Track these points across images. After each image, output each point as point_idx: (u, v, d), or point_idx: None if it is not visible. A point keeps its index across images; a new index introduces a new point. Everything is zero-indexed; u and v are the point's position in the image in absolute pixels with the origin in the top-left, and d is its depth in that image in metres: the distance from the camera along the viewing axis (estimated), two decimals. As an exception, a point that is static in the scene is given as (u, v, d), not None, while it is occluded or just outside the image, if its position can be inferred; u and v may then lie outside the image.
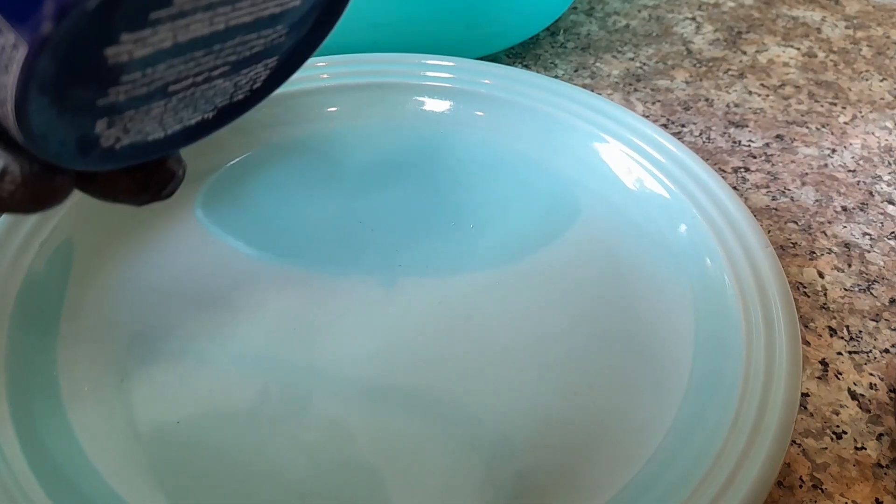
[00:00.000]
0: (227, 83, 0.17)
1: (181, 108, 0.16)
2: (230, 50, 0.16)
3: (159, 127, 0.16)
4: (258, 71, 0.18)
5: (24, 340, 0.23)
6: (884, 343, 0.26)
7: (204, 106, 0.17)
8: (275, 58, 0.18)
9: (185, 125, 0.17)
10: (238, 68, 0.17)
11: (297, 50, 0.18)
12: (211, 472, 0.20)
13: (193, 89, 0.16)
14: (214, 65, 0.16)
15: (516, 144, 0.32)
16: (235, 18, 0.15)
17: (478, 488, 0.20)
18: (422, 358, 0.23)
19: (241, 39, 0.16)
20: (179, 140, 0.18)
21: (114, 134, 0.15)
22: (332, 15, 0.18)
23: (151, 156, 0.17)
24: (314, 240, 0.27)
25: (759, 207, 0.31)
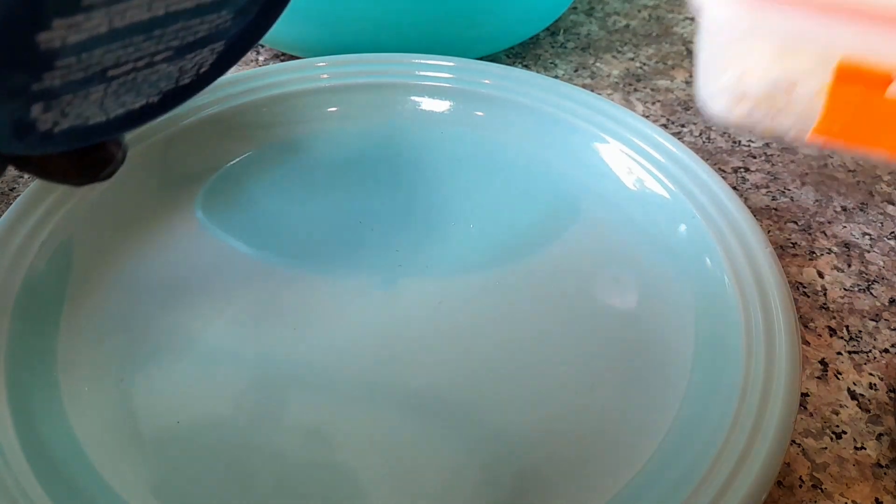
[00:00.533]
0: (171, 67, 0.17)
1: (123, 93, 0.16)
2: (172, 35, 0.15)
3: (100, 111, 0.16)
4: (204, 55, 0.17)
5: (25, 340, 0.23)
6: (883, 343, 0.26)
7: (148, 90, 0.17)
8: (221, 42, 0.18)
9: (129, 109, 0.17)
10: (182, 53, 0.16)
11: (245, 35, 0.18)
12: (211, 471, 0.20)
13: (135, 74, 0.16)
14: (156, 50, 0.16)
15: (516, 144, 0.32)
16: (175, 4, 0.15)
17: (478, 488, 0.20)
18: (422, 358, 0.24)
19: (183, 25, 0.15)
20: (123, 124, 0.17)
21: (51, 118, 0.15)
22: (278, 4, 0.18)
23: (93, 139, 0.17)
24: (314, 240, 0.28)
25: (759, 207, 0.31)
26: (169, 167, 0.29)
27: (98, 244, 0.26)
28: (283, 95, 0.32)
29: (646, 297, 0.26)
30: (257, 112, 0.31)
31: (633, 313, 0.25)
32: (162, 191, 0.29)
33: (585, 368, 0.23)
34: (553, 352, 0.24)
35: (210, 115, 0.30)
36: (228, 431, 0.21)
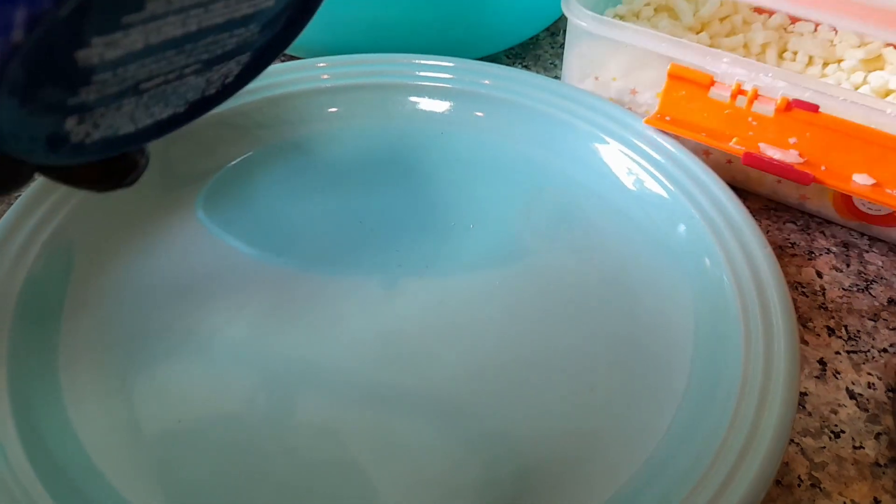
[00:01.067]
0: (199, 79, 0.17)
1: (152, 104, 0.17)
2: (202, 49, 0.16)
3: (130, 122, 0.17)
4: (230, 67, 0.18)
5: (26, 340, 0.23)
6: (882, 342, 0.26)
7: (175, 101, 0.17)
8: (247, 54, 0.18)
9: (157, 119, 0.17)
10: (210, 65, 0.17)
11: (270, 46, 0.19)
12: (212, 471, 0.21)
13: (165, 86, 0.16)
14: (186, 63, 0.16)
15: (516, 144, 0.32)
16: (208, 20, 0.15)
17: (478, 488, 0.20)
18: (422, 358, 0.24)
19: (213, 39, 0.16)
20: (151, 133, 0.18)
21: (84, 130, 0.15)
22: (306, 13, 0.18)
23: (122, 149, 0.17)
24: (314, 240, 0.28)
25: (757, 207, 0.31)
26: (169, 167, 0.29)
27: (99, 244, 0.26)
28: (283, 95, 0.32)
29: (645, 297, 0.26)
30: (257, 112, 0.31)
31: (633, 313, 0.25)
32: (163, 191, 0.29)
33: (585, 368, 0.23)
34: (553, 351, 0.24)
35: (210, 115, 0.30)
36: (229, 430, 0.21)
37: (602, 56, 0.32)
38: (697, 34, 0.34)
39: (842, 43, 0.33)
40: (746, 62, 0.27)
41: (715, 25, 0.34)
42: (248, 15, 0.16)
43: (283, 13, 0.18)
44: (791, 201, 0.31)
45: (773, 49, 0.33)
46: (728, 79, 0.28)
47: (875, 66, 0.32)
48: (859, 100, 0.25)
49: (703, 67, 0.28)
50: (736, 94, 0.27)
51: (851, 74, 0.31)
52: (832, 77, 0.32)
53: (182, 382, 0.23)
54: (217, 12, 0.15)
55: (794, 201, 0.31)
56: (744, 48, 0.34)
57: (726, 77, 0.28)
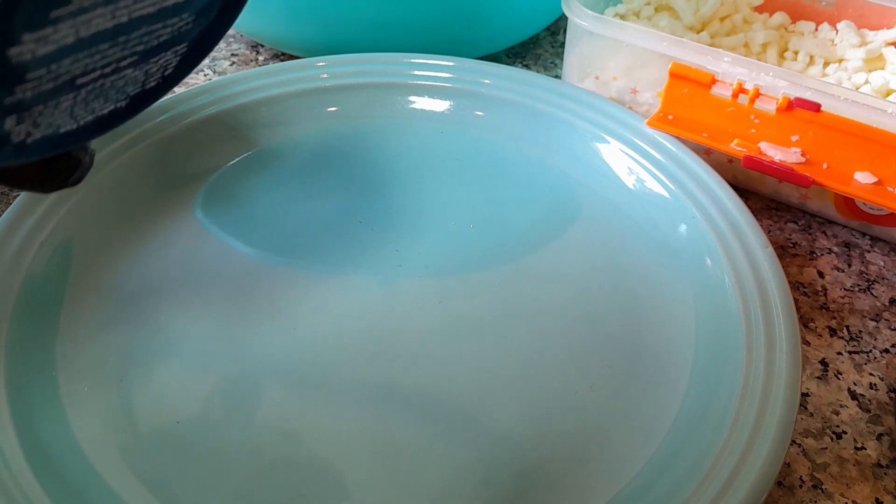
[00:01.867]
0: (136, 72, 0.17)
1: (91, 100, 0.17)
2: (136, 40, 0.16)
3: (71, 119, 0.17)
4: (168, 58, 0.18)
5: (24, 340, 0.23)
6: (884, 343, 0.26)
7: (115, 95, 0.17)
8: (184, 44, 0.18)
9: (98, 115, 0.17)
10: (147, 57, 0.17)
11: (207, 35, 0.18)
12: (211, 472, 0.20)
13: (102, 80, 0.16)
14: (122, 56, 0.16)
15: (516, 144, 0.32)
16: (138, 10, 0.15)
17: (478, 488, 0.20)
18: (421, 358, 0.23)
19: (146, 30, 0.16)
20: (93, 130, 0.18)
21: (24, 129, 0.15)
22: (238, 3, 0.18)
23: (65, 147, 0.17)
24: (314, 240, 0.27)
25: (759, 207, 0.31)
26: (168, 167, 0.29)
27: (97, 244, 0.26)
28: (283, 95, 0.32)
29: (646, 297, 0.26)
30: (257, 112, 0.31)
31: (633, 313, 0.25)
32: (161, 191, 0.29)
33: (585, 368, 0.23)
34: (553, 351, 0.24)
35: (210, 115, 0.30)
36: (228, 431, 0.21)
37: (602, 55, 0.32)
38: (698, 33, 0.34)
39: (842, 42, 0.33)
40: (747, 61, 0.27)
41: (715, 25, 0.34)
42: (180, 4, 0.16)
43: (216, 1, 0.18)
44: (792, 201, 0.31)
45: (774, 48, 0.33)
46: (729, 78, 0.28)
47: (876, 65, 0.32)
48: (860, 99, 0.25)
49: (703, 67, 0.28)
50: (737, 94, 0.27)
51: (854, 74, 0.31)
52: (833, 77, 0.32)
53: (180, 382, 0.22)
54: (147, 2, 0.15)
55: (796, 201, 0.31)
56: (744, 47, 0.34)
57: (727, 76, 0.28)
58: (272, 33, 0.37)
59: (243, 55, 0.40)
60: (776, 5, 0.35)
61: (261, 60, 0.40)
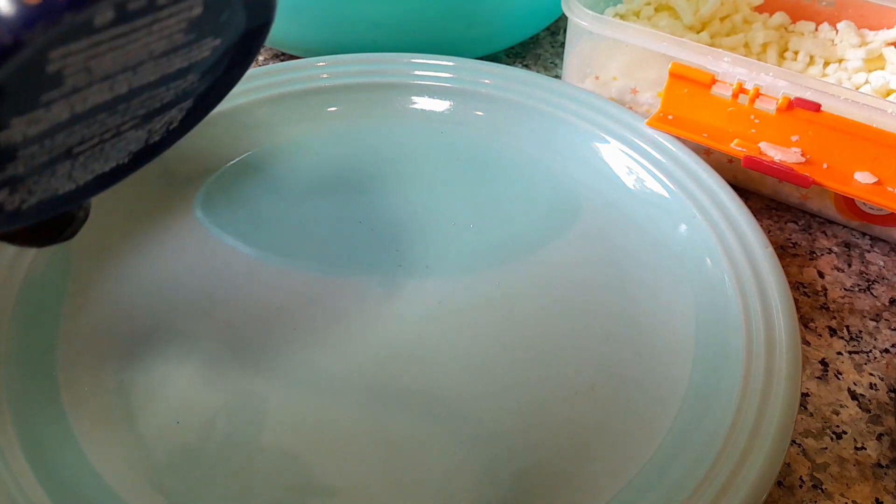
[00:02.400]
0: (139, 132, 0.16)
1: (90, 162, 0.16)
2: (137, 106, 0.15)
3: (68, 181, 0.16)
4: (173, 115, 0.17)
5: (24, 341, 0.23)
6: (884, 343, 0.26)
7: (116, 155, 0.17)
8: (189, 100, 0.17)
9: (98, 174, 0.17)
10: (149, 118, 0.16)
11: (214, 89, 0.18)
12: (210, 472, 0.20)
13: (102, 145, 0.16)
14: (122, 121, 0.15)
15: (516, 144, 0.32)
16: (139, 80, 0.14)
17: (478, 488, 0.20)
18: (422, 358, 0.23)
19: (148, 95, 0.15)
20: (93, 188, 0.17)
21: (18, 198, 0.15)
22: (248, 55, 0.17)
23: (65, 207, 0.17)
24: (314, 240, 0.27)
25: (759, 207, 0.31)
26: (168, 167, 0.29)
27: (97, 244, 0.26)
28: (283, 95, 0.32)
29: (646, 297, 0.26)
30: (257, 112, 0.31)
31: (634, 313, 0.25)
32: (161, 191, 0.29)
33: (586, 368, 0.23)
34: (553, 351, 0.24)
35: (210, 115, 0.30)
36: (227, 432, 0.21)
37: (602, 55, 0.32)
38: (698, 33, 0.34)
39: (842, 42, 0.33)
40: (747, 61, 0.27)
41: (715, 25, 0.34)
42: (184, 68, 0.15)
43: (223, 59, 0.17)
44: (792, 201, 0.31)
45: (774, 48, 0.33)
46: (729, 78, 0.28)
47: (876, 65, 0.32)
48: (860, 99, 0.25)
49: (703, 67, 0.28)
50: (737, 94, 0.27)
51: (854, 74, 0.31)
52: (833, 77, 0.32)
53: (180, 383, 0.22)
54: (147, 72, 0.14)
55: (796, 201, 0.31)
56: (744, 47, 0.34)
57: (727, 76, 0.28)
58: (272, 33, 0.37)
59: (243, 55, 0.40)
60: (776, 5, 0.35)
61: (261, 60, 0.40)
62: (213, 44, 0.16)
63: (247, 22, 0.16)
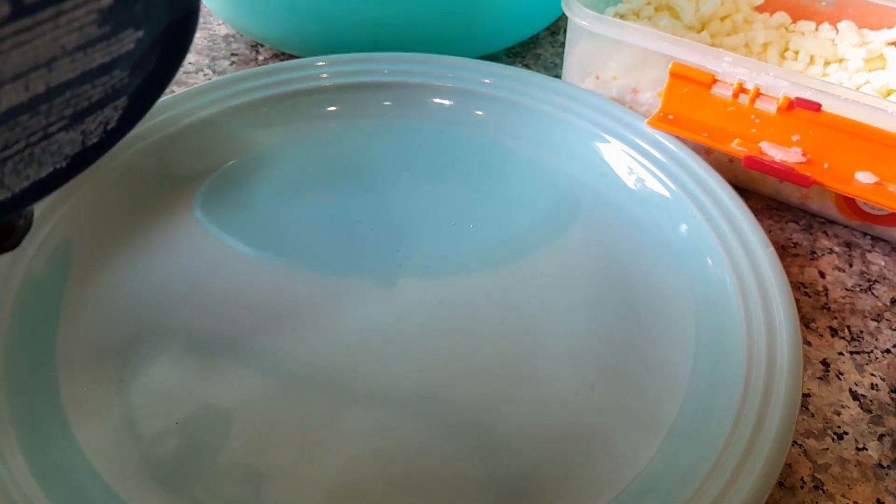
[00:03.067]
0: (72, 134, 0.16)
1: (23, 168, 0.15)
2: (62, 105, 0.15)
3: (3, 189, 0.15)
4: (107, 114, 0.16)
5: (23, 341, 0.23)
6: (885, 343, 0.26)
7: (52, 159, 0.16)
8: (123, 98, 0.16)
9: (35, 180, 0.16)
10: (80, 118, 0.16)
11: (150, 85, 0.17)
12: (210, 472, 0.20)
13: (31, 149, 0.15)
14: (47, 122, 0.15)
15: (516, 144, 0.32)
16: (56, 78, 0.14)
17: (478, 488, 0.20)
18: (421, 358, 0.23)
19: (71, 94, 0.15)
20: (32, 194, 0.16)
21: None
22: (180, 47, 0.17)
23: (3, 216, 0.16)
24: (314, 240, 0.27)
25: (759, 207, 0.31)
26: (168, 167, 0.29)
27: (97, 244, 0.26)
28: (283, 95, 0.32)
29: (646, 297, 0.26)
30: (257, 112, 0.31)
31: (634, 313, 0.25)
32: (161, 191, 0.29)
33: (586, 368, 0.23)
34: (553, 352, 0.24)
35: (210, 115, 0.30)
36: (227, 431, 0.21)
37: (603, 55, 0.32)
38: (698, 33, 0.34)
39: (843, 42, 0.33)
40: (748, 61, 0.27)
41: (716, 24, 0.34)
42: (107, 63, 0.15)
43: (152, 53, 0.16)
44: (793, 201, 0.31)
45: (775, 48, 0.33)
46: (730, 78, 0.27)
47: (877, 65, 0.32)
48: (861, 99, 0.25)
49: (704, 67, 0.28)
50: (738, 93, 0.27)
51: (854, 74, 0.31)
52: (834, 76, 0.32)
53: (180, 383, 0.22)
54: (64, 69, 0.14)
55: (797, 201, 0.31)
56: (745, 47, 0.34)
57: (728, 76, 0.28)
58: (272, 33, 0.37)
59: (243, 55, 0.40)
60: (776, 5, 0.35)
61: (261, 60, 0.40)
62: (136, 36, 0.15)
63: (170, 11, 0.15)
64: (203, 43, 0.41)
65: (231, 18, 0.38)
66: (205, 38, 0.41)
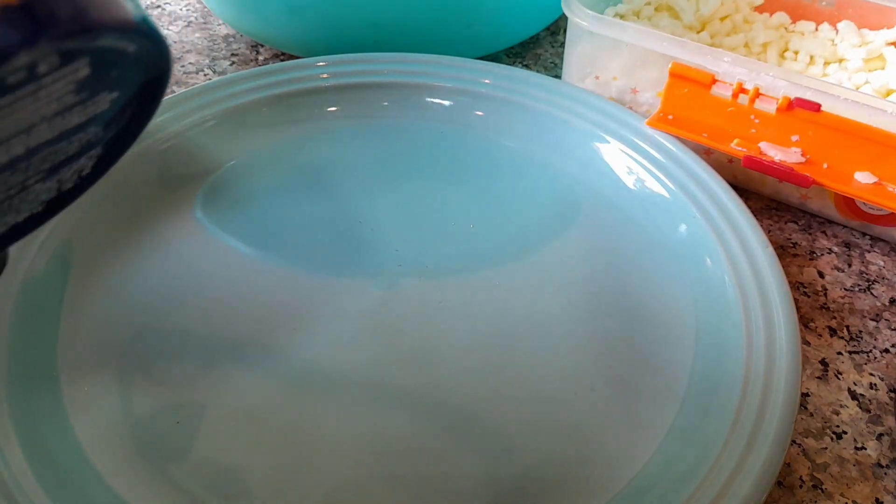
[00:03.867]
0: (48, 184, 0.16)
1: (1, 216, 0.16)
2: (40, 161, 0.15)
3: None
4: (82, 163, 0.17)
5: (24, 341, 0.23)
6: (884, 343, 0.26)
7: (28, 206, 0.17)
8: (97, 148, 0.17)
9: (12, 225, 0.17)
10: (55, 171, 0.16)
11: (124, 135, 0.17)
12: (210, 472, 0.20)
13: (9, 201, 0.15)
14: (26, 178, 0.15)
15: (516, 144, 0.32)
16: (35, 140, 0.14)
17: (478, 488, 0.20)
18: (421, 358, 0.23)
19: (49, 150, 0.15)
20: (10, 236, 0.17)
21: None
22: (152, 101, 0.17)
23: None
24: (314, 240, 0.27)
25: (759, 207, 0.31)
26: (168, 167, 0.29)
27: (97, 244, 0.26)
28: (282, 94, 0.32)
29: (646, 297, 0.26)
30: (257, 112, 0.31)
31: (633, 313, 0.25)
32: (161, 191, 0.29)
33: (585, 369, 0.23)
34: (553, 352, 0.24)
35: (210, 114, 0.30)
36: (227, 431, 0.21)
37: (603, 55, 0.32)
38: (698, 33, 0.34)
39: (843, 42, 0.33)
40: (748, 61, 0.27)
41: (716, 24, 0.34)
42: (83, 122, 0.15)
43: (126, 108, 0.16)
44: (793, 201, 0.31)
45: (775, 48, 0.33)
46: (729, 78, 0.28)
47: (876, 65, 0.32)
48: (861, 99, 0.25)
49: (704, 67, 0.28)
50: (737, 93, 0.27)
51: (854, 74, 0.31)
52: (833, 77, 0.32)
53: (180, 382, 0.22)
54: (42, 132, 0.14)
55: (796, 201, 0.31)
56: (745, 47, 0.34)
57: (727, 76, 0.28)
58: (272, 33, 0.37)
59: (243, 55, 0.40)
60: (776, 5, 0.35)
61: (261, 60, 0.40)
62: (111, 97, 0.15)
63: (144, 74, 0.16)
64: (203, 43, 0.41)
65: (231, 18, 0.38)
66: (205, 38, 0.41)
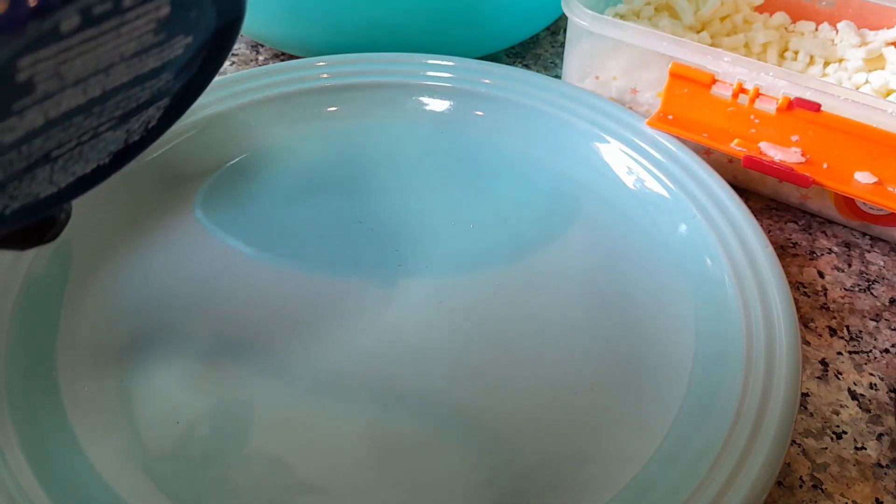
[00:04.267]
0: (117, 133, 0.17)
1: (71, 165, 0.16)
2: (113, 107, 0.15)
3: (50, 185, 0.16)
4: (150, 113, 0.17)
5: (24, 341, 0.23)
6: (884, 343, 0.26)
7: (96, 156, 0.17)
8: (166, 99, 0.17)
9: (79, 176, 0.17)
10: (126, 119, 0.16)
11: (190, 87, 0.18)
12: (211, 471, 0.20)
13: (80, 147, 0.16)
14: (98, 123, 0.15)
15: (516, 144, 0.32)
16: (112, 82, 0.14)
17: (478, 488, 0.20)
18: (421, 358, 0.23)
19: (123, 96, 0.15)
20: (76, 190, 0.17)
21: (0, 204, 0.15)
22: (222, 50, 0.17)
23: (47, 210, 0.17)
24: (314, 240, 0.27)
25: (759, 207, 0.31)
26: (168, 167, 0.29)
27: (97, 244, 0.26)
28: (283, 95, 0.32)
29: (646, 297, 0.26)
30: (257, 112, 0.31)
31: (633, 313, 0.25)
32: (161, 191, 0.29)
33: (585, 368, 0.23)
34: (553, 351, 0.24)
35: (210, 115, 0.30)
36: (228, 431, 0.21)
37: (603, 55, 0.32)
38: (698, 33, 0.34)
39: (843, 42, 0.33)
40: (747, 61, 0.27)
41: (716, 25, 0.34)
42: (157, 67, 0.15)
43: (197, 56, 0.17)
44: (792, 201, 0.31)
45: (775, 48, 0.33)
46: (729, 78, 0.28)
47: (876, 65, 0.32)
48: (861, 99, 0.25)
49: (704, 67, 0.28)
50: (737, 93, 0.27)
51: (854, 74, 0.31)
52: (833, 76, 0.32)
53: (181, 383, 0.22)
54: (120, 73, 0.14)
55: (796, 201, 0.31)
56: (745, 47, 0.34)
57: (727, 76, 0.28)
58: (272, 33, 0.37)
59: (243, 55, 0.40)
60: (776, 5, 0.35)
61: (261, 60, 0.40)
62: (185, 42, 0.16)
63: (218, 19, 0.16)
64: (203, 43, 0.41)
65: (231, 18, 0.38)
66: (205, 38, 0.41)
